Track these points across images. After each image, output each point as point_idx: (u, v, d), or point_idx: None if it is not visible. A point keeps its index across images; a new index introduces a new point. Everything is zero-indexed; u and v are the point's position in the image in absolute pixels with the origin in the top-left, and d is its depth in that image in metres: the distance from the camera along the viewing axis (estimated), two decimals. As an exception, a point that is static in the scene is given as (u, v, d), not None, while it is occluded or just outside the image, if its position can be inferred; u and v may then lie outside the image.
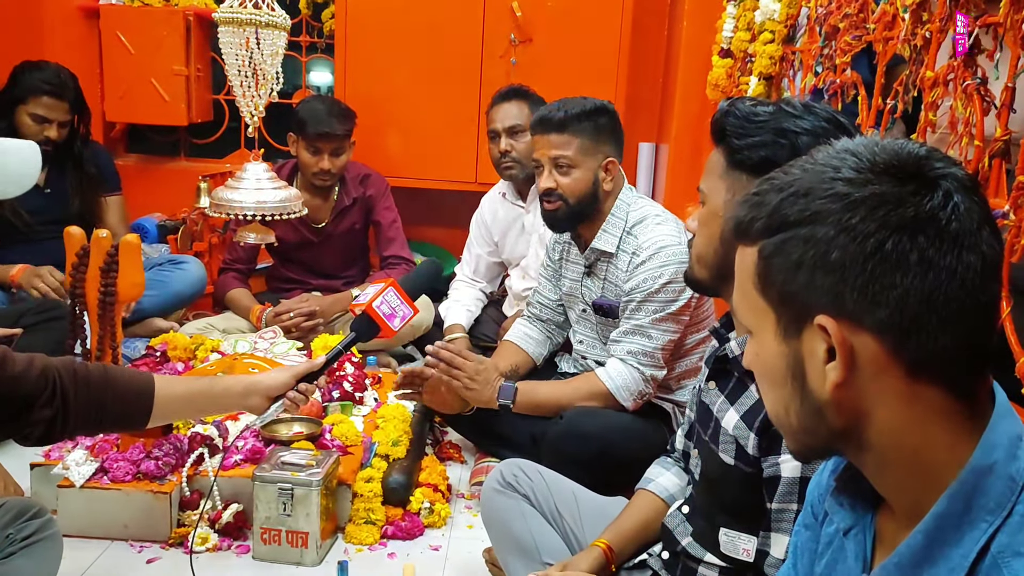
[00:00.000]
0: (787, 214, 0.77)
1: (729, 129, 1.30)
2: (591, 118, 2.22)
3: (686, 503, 1.46)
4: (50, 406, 1.39)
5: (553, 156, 2.22)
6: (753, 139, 1.27)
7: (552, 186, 2.23)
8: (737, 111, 1.30)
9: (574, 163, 2.22)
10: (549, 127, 2.22)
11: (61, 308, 2.71)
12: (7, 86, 3.04)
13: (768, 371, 0.83)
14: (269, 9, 2.29)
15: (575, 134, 2.21)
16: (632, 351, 2.16)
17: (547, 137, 2.23)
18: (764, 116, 1.28)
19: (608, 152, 2.25)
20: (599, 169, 2.24)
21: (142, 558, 1.99)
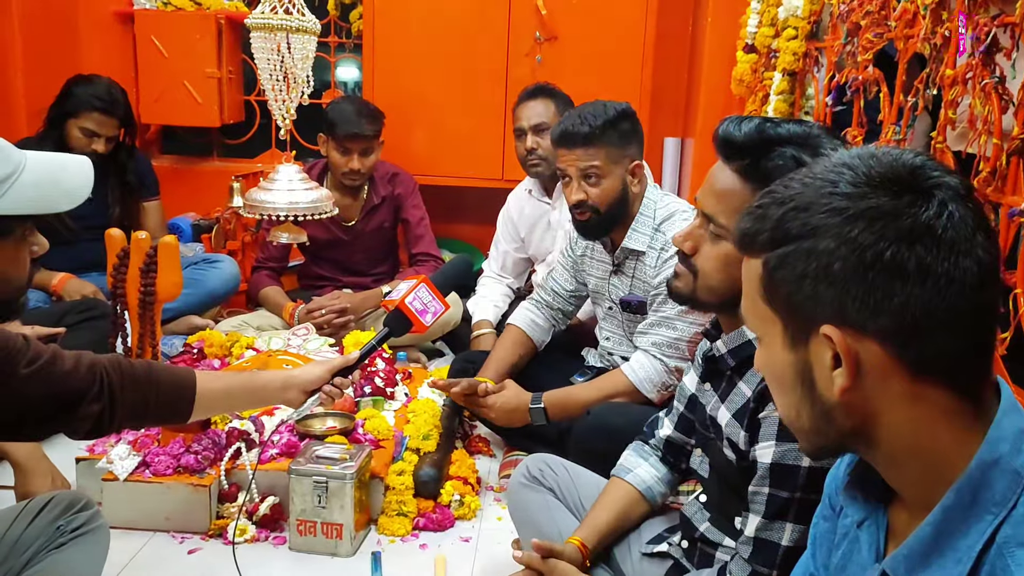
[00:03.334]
0: (789, 228, 0.80)
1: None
2: (615, 126, 2.21)
3: (704, 492, 1.50)
4: (98, 401, 1.46)
5: (582, 168, 2.22)
6: None
7: (583, 198, 2.24)
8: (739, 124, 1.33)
9: (603, 173, 2.22)
10: (575, 141, 2.21)
11: (102, 307, 2.79)
12: (58, 99, 3.11)
13: (778, 377, 0.87)
14: (299, 14, 2.34)
15: (601, 145, 2.20)
16: (656, 342, 2.19)
17: (573, 151, 2.22)
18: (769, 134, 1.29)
19: (633, 155, 2.26)
20: (626, 174, 2.25)
21: (183, 549, 2.06)
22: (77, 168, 1.21)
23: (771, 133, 1.28)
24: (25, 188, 1.13)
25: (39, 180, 1.15)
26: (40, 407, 1.41)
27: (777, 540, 1.26)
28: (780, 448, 1.24)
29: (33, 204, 1.14)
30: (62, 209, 1.18)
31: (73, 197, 1.19)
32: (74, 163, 1.22)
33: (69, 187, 1.19)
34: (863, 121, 2.12)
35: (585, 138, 2.20)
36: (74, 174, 1.21)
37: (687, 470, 1.62)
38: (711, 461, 1.47)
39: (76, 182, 1.20)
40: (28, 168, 1.15)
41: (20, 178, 1.13)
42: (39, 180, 1.15)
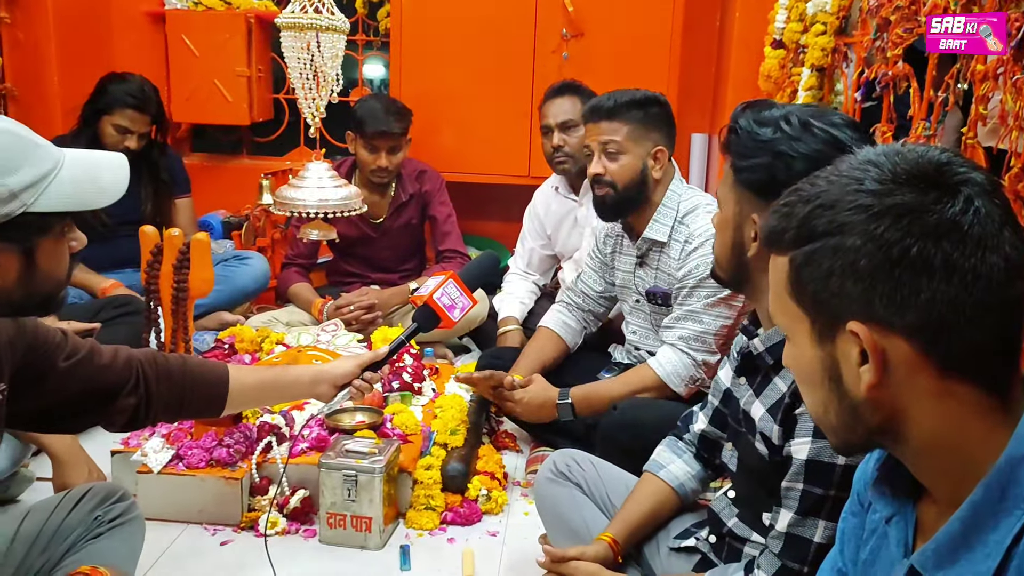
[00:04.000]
0: (815, 226, 0.81)
1: (732, 147, 1.36)
2: (641, 107, 2.27)
3: (732, 488, 1.50)
4: (134, 395, 1.49)
5: (602, 141, 2.27)
6: (752, 161, 1.33)
7: (600, 171, 2.28)
8: (739, 128, 1.35)
9: (622, 149, 2.26)
10: (599, 114, 2.28)
11: (136, 303, 2.84)
12: (93, 96, 3.17)
13: (806, 373, 0.87)
14: (329, 13, 2.36)
15: (624, 121, 2.26)
16: (683, 336, 2.20)
17: (598, 124, 2.29)
18: (764, 137, 1.32)
19: (658, 140, 2.28)
20: (648, 157, 2.27)
21: (216, 540, 2.09)
22: (114, 165, 1.24)
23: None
24: (64, 185, 1.15)
25: (77, 177, 1.18)
26: (78, 400, 1.45)
27: (809, 536, 1.27)
28: (816, 445, 1.25)
29: (72, 201, 1.17)
30: (100, 205, 1.20)
31: (110, 194, 1.22)
32: (110, 160, 1.24)
33: (106, 184, 1.22)
34: (892, 117, 2.10)
35: (608, 112, 2.26)
36: (111, 171, 1.23)
37: (720, 466, 1.62)
38: (740, 456, 1.47)
39: (113, 179, 1.23)
40: (66, 165, 1.17)
41: (59, 175, 1.15)
42: (77, 177, 1.18)
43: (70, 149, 1.22)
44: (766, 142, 1.32)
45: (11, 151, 1.10)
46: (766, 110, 1.37)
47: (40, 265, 1.17)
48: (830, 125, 1.31)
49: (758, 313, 1.45)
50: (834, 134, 1.30)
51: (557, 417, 2.25)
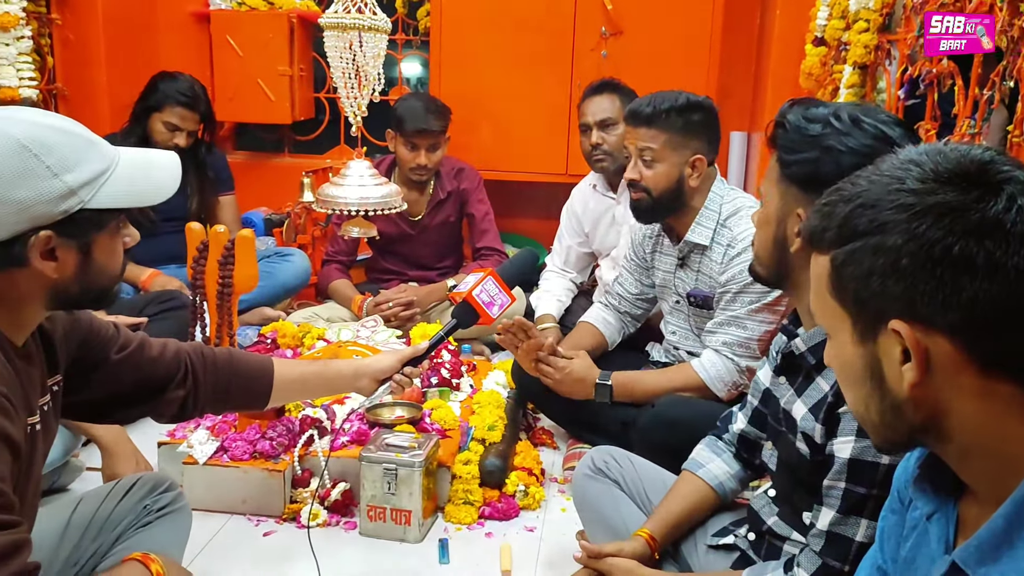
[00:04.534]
0: (856, 224, 0.81)
1: (779, 142, 1.36)
2: (682, 114, 2.23)
3: (772, 486, 1.50)
4: (183, 387, 1.53)
5: (640, 148, 2.26)
6: (799, 155, 1.33)
7: (636, 177, 2.27)
8: (788, 123, 1.35)
9: (658, 157, 2.24)
10: (638, 120, 2.25)
11: (181, 298, 2.90)
12: (143, 94, 3.25)
13: (847, 371, 0.88)
14: (371, 13, 2.39)
15: (663, 129, 2.22)
16: (727, 342, 2.19)
17: (636, 129, 2.26)
18: (813, 132, 1.32)
19: (697, 148, 2.25)
20: (685, 165, 2.25)
21: (259, 531, 2.13)
22: (167, 163, 1.28)
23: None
24: (119, 182, 1.19)
25: (132, 175, 1.21)
26: (130, 391, 1.49)
27: (851, 535, 1.26)
28: (860, 444, 1.24)
29: (127, 198, 1.20)
30: (153, 202, 1.24)
31: (163, 191, 1.25)
32: (163, 158, 1.28)
33: (159, 181, 1.25)
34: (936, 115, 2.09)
35: (647, 118, 2.23)
36: (164, 169, 1.27)
37: (760, 466, 1.62)
38: (781, 455, 1.47)
39: (165, 176, 1.27)
40: (121, 163, 1.21)
41: (115, 173, 1.19)
42: (132, 175, 1.21)
43: (124, 147, 1.25)
44: (815, 137, 1.33)
45: (70, 149, 1.14)
46: (814, 107, 1.37)
47: (96, 260, 1.21)
48: (880, 121, 1.31)
49: (799, 312, 1.45)
50: (884, 130, 1.30)
51: (593, 397, 2.25)
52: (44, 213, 1.12)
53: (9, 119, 1.12)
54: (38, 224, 1.13)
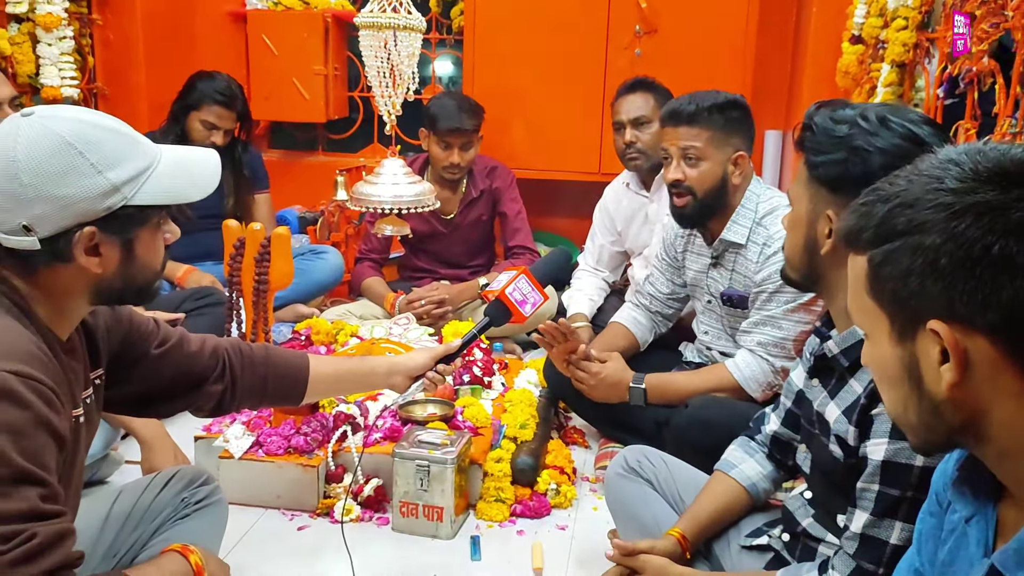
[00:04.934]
0: (894, 224, 0.81)
1: (807, 144, 1.36)
2: (722, 111, 2.21)
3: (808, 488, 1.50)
4: (220, 382, 1.56)
5: (682, 147, 2.23)
6: (827, 156, 1.34)
7: (680, 177, 2.25)
8: (815, 125, 1.35)
9: (703, 155, 2.22)
10: (679, 119, 2.23)
11: (217, 295, 2.94)
12: (182, 93, 3.29)
13: (885, 372, 0.87)
14: (406, 12, 2.40)
15: (705, 126, 2.21)
16: (762, 342, 2.18)
17: (677, 129, 2.24)
18: (840, 133, 1.32)
19: (738, 145, 2.24)
20: (728, 162, 2.24)
21: (293, 525, 2.16)
22: (207, 161, 1.30)
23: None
24: (161, 179, 1.21)
25: (173, 172, 1.24)
26: (169, 386, 1.51)
27: (885, 538, 1.25)
28: (893, 446, 1.23)
29: (168, 194, 1.22)
30: (194, 199, 1.26)
31: (204, 188, 1.28)
32: (204, 156, 1.30)
33: (200, 178, 1.27)
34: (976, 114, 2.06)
35: (690, 117, 2.21)
36: (204, 166, 1.29)
37: (793, 467, 1.61)
38: (814, 457, 1.47)
39: (206, 174, 1.29)
40: (163, 161, 1.23)
41: (157, 170, 1.21)
42: (173, 172, 1.24)
43: (166, 145, 1.27)
44: (842, 137, 1.33)
45: (113, 146, 1.16)
46: (841, 108, 1.37)
47: (138, 255, 1.23)
48: (908, 121, 1.30)
49: (832, 314, 1.44)
50: (912, 130, 1.29)
51: (627, 400, 2.25)
52: (88, 209, 1.15)
53: (55, 117, 1.15)
54: (82, 220, 1.15)
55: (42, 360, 1.13)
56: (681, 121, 2.23)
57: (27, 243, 1.14)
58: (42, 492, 1.06)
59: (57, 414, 1.11)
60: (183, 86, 3.31)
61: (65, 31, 3.32)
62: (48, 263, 1.17)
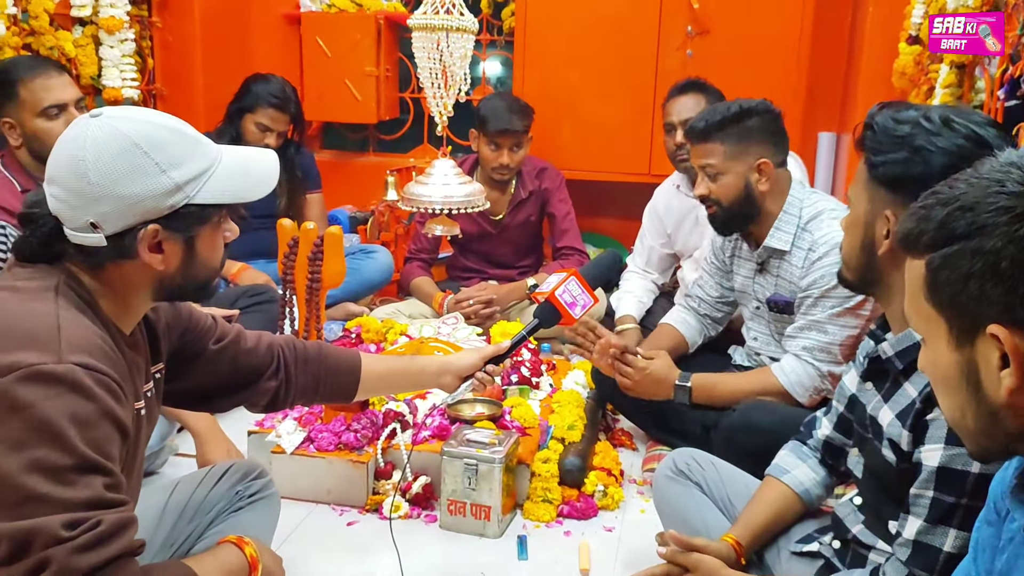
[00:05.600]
0: (954, 228, 0.80)
1: (867, 143, 1.35)
2: (736, 122, 2.20)
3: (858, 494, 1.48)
4: (275, 378, 1.59)
5: (701, 164, 2.25)
6: (888, 156, 1.33)
7: (705, 192, 2.26)
8: (876, 125, 1.35)
9: (720, 170, 2.22)
10: (694, 137, 2.26)
11: (271, 292, 2.99)
12: (237, 95, 3.37)
13: (943, 377, 0.86)
14: (459, 14, 2.42)
15: (719, 141, 2.21)
16: (807, 346, 2.15)
17: (695, 147, 2.27)
18: (902, 132, 1.31)
19: (760, 153, 2.21)
20: (750, 172, 2.21)
21: (343, 521, 2.19)
22: (265, 161, 1.33)
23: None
24: (222, 179, 1.24)
25: (234, 172, 1.27)
26: (226, 381, 1.55)
27: (939, 545, 1.24)
28: (949, 452, 1.22)
29: (228, 193, 1.26)
30: (252, 198, 1.29)
31: (262, 188, 1.31)
32: (262, 157, 1.33)
33: (259, 178, 1.30)
34: (1039, 116, 2.01)
35: (701, 134, 2.23)
36: (263, 167, 1.32)
37: (845, 472, 1.60)
38: (867, 463, 1.45)
39: (265, 174, 1.32)
40: (224, 161, 1.26)
41: (218, 170, 1.24)
42: (234, 172, 1.27)
43: (226, 146, 1.31)
44: (904, 137, 1.32)
45: (177, 147, 1.20)
46: (904, 109, 1.36)
47: (199, 253, 1.27)
48: (972, 122, 1.29)
49: (887, 316, 1.43)
50: (976, 131, 1.28)
51: (671, 398, 2.24)
52: (153, 208, 1.18)
53: (122, 118, 1.18)
54: (147, 218, 1.19)
55: (107, 353, 1.17)
56: (696, 139, 2.25)
57: (94, 240, 1.18)
58: (107, 481, 1.09)
59: (121, 406, 1.14)
60: (239, 88, 3.37)
61: (126, 34, 3.41)
62: (113, 259, 1.21)
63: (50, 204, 1.20)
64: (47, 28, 3.04)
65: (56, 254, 1.22)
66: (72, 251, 1.22)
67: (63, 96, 2.42)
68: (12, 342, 1.09)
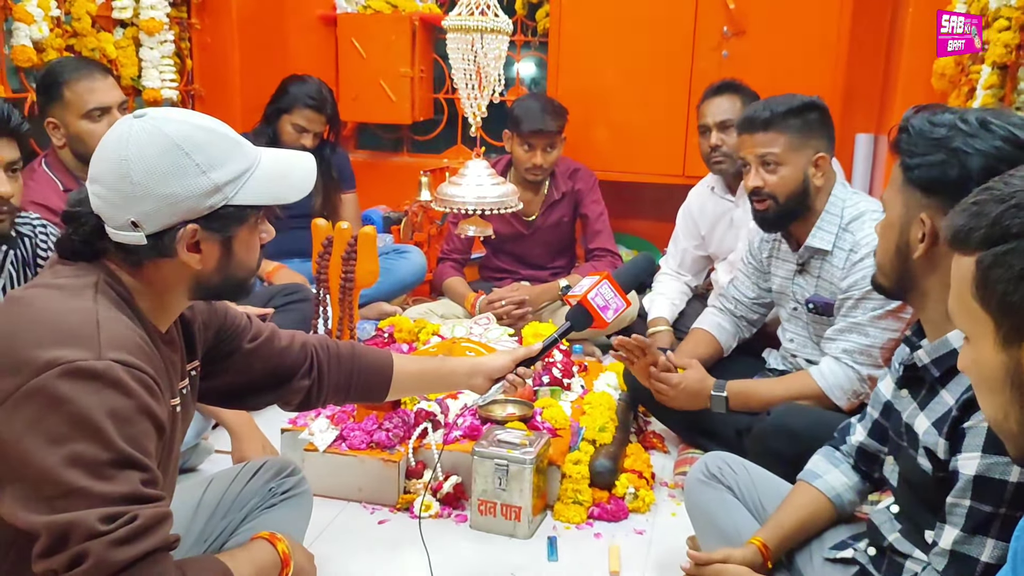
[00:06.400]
0: (1008, 226, 0.79)
1: (903, 146, 1.34)
2: (799, 114, 2.19)
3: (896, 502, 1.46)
4: (308, 377, 1.60)
5: (760, 154, 2.21)
6: (924, 158, 1.32)
7: (760, 184, 2.22)
8: (912, 127, 1.34)
9: (781, 160, 2.19)
10: (755, 126, 2.22)
11: (304, 292, 3.02)
12: (274, 96, 3.40)
13: (986, 378, 0.85)
14: (493, 15, 2.43)
15: (782, 131, 2.19)
16: (848, 349, 2.13)
17: (753, 136, 2.22)
18: (937, 135, 1.30)
19: (818, 147, 2.20)
20: (809, 165, 2.20)
21: (374, 519, 2.20)
22: (303, 165, 1.34)
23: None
24: (260, 181, 1.26)
25: (272, 174, 1.28)
26: (260, 379, 1.57)
27: (976, 555, 1.21)
28: (986, 460, 1.20)
29: (266, 195, 1.27)
30: (289, 200, 1.30)
31: (299, 190, 1.32)
32: (300, 160, 1.34)
33: (296, 181, 1.32)
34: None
35: (764, 123, 2.20)
36: (301, 170, 1.33)
37: (880, 479, 1.58)
38: (901, 470, 1.43)
39: (302, 177, 1.33)
40: (263, 163, 1.28)
41: (256, 172, 1.26)
42: (272, 174, 1.28)
43: (264, 148, 1.32)
44: (940, 139, 1.31)
45: (218, 148, 1.21)
46: (940, 112, 1.34)
47: (236, 253, 1.28)
48: (1010, 124, 1.28)
49: (923, 322, 1.41)
50: (1015, 133, 1.26)
51: (709, 407, 2.23)
52: (192, 208, 1.20)
53: (165, 119, 1.20)
54: (186, 218, 1.20)
55: (145, 350, 1.19)
56: (756, 128, 2.21)
57: (134, 238, 1.20)
58: (143, 476, 1.11)
59: (158, 402, 1.16)
60: (276, 89, 3.41)
61: (166, 35, 3.46)
62: (152, 258, 1.23)
63: (92, 203, 1.22)
64: (89, 30, 3.10)
65: (97, 252, 1.25)
66: (112, 249, 1.24)
67: (107, 99, 2.46)
68: (53, 339, 1.11)
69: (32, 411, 1.07)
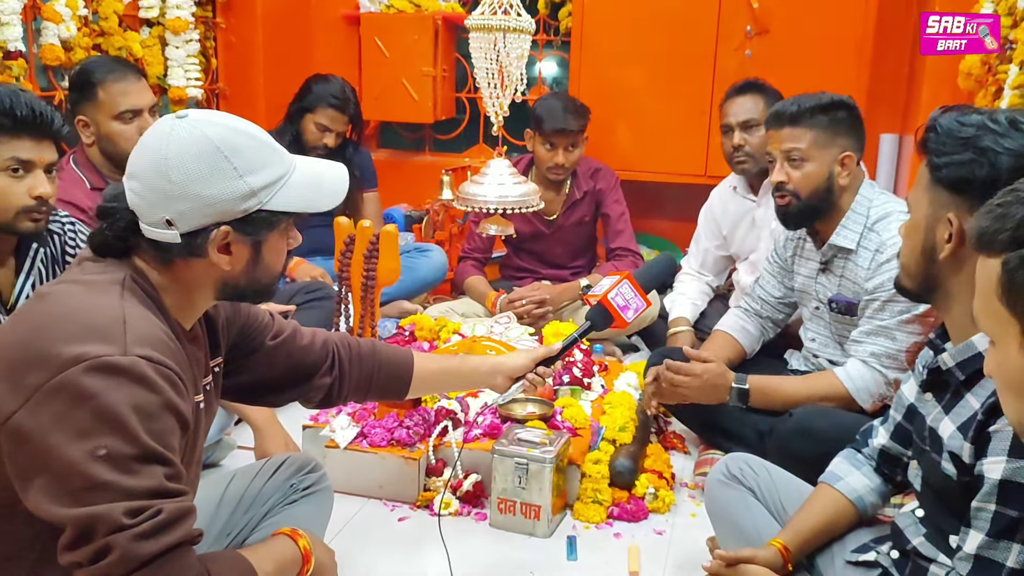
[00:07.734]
0: None
1: (930, 145, 1.33)
2: (827, 112, 2.18)
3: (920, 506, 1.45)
4: (329, 375, 1.61)
5: (785, 149, 2.20)
6: (952, 158, 1.31)
7: (783, 179, 2.22)
8: (940, 126, 1.33)
9: (806, 156, 2.19)
10: (783, 121, 2.21)
11: (326, 289, 3.04)
12: (298, 95, 3.42)
13: (1012, 381, 0.84)
14: (516, 14, 2.43)
15: (809, 127, 2.18)
16: (875, 352, 2.12)
17: (780, 131, 2.22)
18: (966, 134, 1.29)
19: (845, 146, 2.19)
20: (835, 163, 2.19)
21: (394, 516, 2.21)
22: (336, 175, 1.35)
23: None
24: (294, 188, 1.27)
25: (306, 182, 1.30)
26: (281, 376, 1.58)
27: (1001, 560, 1.20)
28: (1012, 465, 1.18)
29: (298, 202, 1.28)
30: (321, 209, 1.32)
31: (331, 200, 1.33)
32: (333, 170, 1.36)
33: (329, 191, 1.33)
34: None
35: (792, 118, 2.19)
36: (333, 179, 1.35)
37: (902, 482, 1.56)
38: (924, 475, 1.42)
39: (334, 187, 1.34)
40: (297, 171, 1.29)
41: (291, 179, 1.27)
42: (306, 182, 1.30)
43: (299, 156, 1.33)
44: (969, 139, 1.30)
45: (256, 153, 1.23)
46: (968, 112, 1.33)
47: (264, 257, 1.30)
48: None
49: (947, 325, 1.39)
50: None
51: (727, 401, 2.22)
52: (227, 210, 1.21)
53: (206, 122, 1.22)
54: (220, 220, 1.22)
55: (170, 347, 1.20)
56: (784, 123, 2.21)
57: (168, 236, 1.22)
58: (167, 471, 1.12)
59: (182, 398, 1.17)
60: (299, 88, 3.43)
61: (191, 34, 3.49)
62: (183, 256, 1.24)
63: (128, 198, 1.24)
64: (116, 29, 3.13)
65: (128, 248, 1.26)
66: (144, 246, 1.25)
67: (139, 102, 2.47)
68: (79, 334, 1.13)
69: (58, 406, 1.09)
